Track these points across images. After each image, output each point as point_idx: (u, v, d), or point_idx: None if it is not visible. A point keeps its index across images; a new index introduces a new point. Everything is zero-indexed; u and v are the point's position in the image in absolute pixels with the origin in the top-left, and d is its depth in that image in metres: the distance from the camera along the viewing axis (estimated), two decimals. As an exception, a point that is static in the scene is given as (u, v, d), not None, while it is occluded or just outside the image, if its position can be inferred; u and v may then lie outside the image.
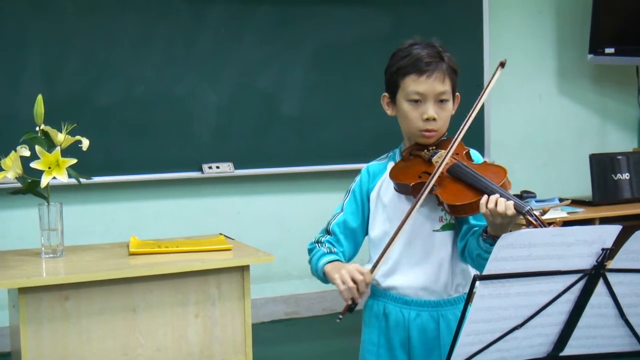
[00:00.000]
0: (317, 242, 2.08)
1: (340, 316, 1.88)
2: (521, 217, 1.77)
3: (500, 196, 1.79)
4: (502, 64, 1.98)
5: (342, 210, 2.09)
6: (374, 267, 1.89)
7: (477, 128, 4.70)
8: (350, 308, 1.87)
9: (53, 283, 2.60)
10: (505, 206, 1.75)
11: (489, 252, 1.50)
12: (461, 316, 1.54)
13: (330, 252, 2.02)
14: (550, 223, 1.72)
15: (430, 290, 2.00)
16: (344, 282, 1.85)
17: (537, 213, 1.75)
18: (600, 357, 1.66)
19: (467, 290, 2.03)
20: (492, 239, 1.81)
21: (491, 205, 1.77)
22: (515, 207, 1.76)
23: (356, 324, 2.17)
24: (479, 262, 1.87)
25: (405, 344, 2.02)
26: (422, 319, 2.01)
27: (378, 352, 2.05)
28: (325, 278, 1.99)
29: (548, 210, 1.78)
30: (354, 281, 1.84)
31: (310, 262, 2.07)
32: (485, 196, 1.80)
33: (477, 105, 1.96)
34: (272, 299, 4.67)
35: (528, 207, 1.76)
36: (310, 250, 2.08)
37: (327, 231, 2.08)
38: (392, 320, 2.03)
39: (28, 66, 3.93)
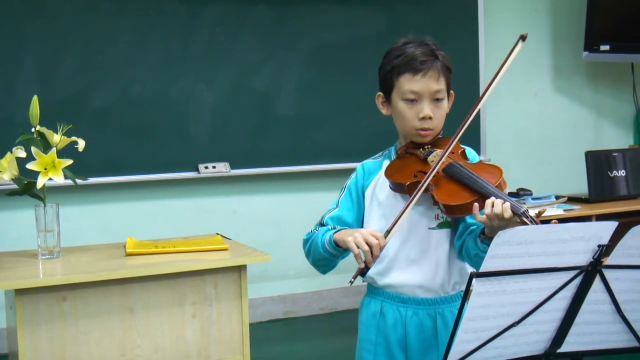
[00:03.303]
0: (314, 231, 2.06)
1: (352, 279, 1.86)
2: (517, 218, 1.76)
3: (496, 198, 1.78)
4: (523, 38, 1.96)
5: (337, 206, 2.09)
6: (388, 232, 1.86)
7: (473, 126, 4.66)
8: (363, 272, 1.85)
9: (50, 284, 2.59)
10: (502, 208, 1.75)
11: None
12: (458, 314, 1.54)
13: (334, 228, 2.01)
14: (545, 222, 1.71)
15: (427, 288, 2.00)
16: (358, 246, 1.82)
17: (533, 214, 1.74)
18: (598, 353, 1.67)
19: (464, 288, 2.03)
20: (490, 240, 1.80)
21: (487, 210, 1.76)
22: (512, 208, 1.76)
23: (354, 323, 2.17)
24: (477, 261, 1.87)
25: (403, 342, 2.02)
26: (419, 317, 2.01)
27: (375, 350, 2.05)
28: (334, 249, 1.95)
29: (544, 212, 1.77)
30: (369, 245, 1.82)
31: (310, 246, 2.03)
32: (489, 199, 1.79)
33: (488, 87, 1.93)
34: (269, 299, 4.67)
35: (524, 209, 1.75)
36: (306, 240, 2.06)
37: (322, 224, 2.07)
38: (389, 319, 2.03)
39: (24, 67, 3.93)
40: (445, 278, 2.00)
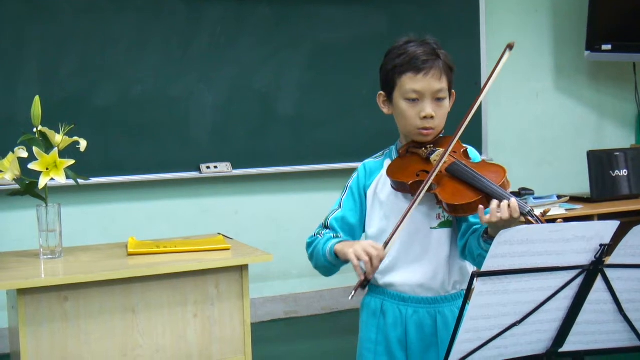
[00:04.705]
0: (318, 234, 2.06)
1: (353, 292, 1.86)
2: (522, 217, 1.76)
3: (501, 197, 1.78)
4: (510, 47, 1.95)
5: (339, 206, 2.08)
6: (386, 243, 1.86)
7: (475, 126, 4.71)
8: (363, 284, 1.85)
9: (52, 284, 2.59)
10: (511, 209, 1.74)
11: (491, 253, 1.49)
12: (460, 313, 1.54)
13: (337, 237, 2.01)
14: (551, 222, 1.70)
15: (428, 288, 2.00)
16: (358, 257, 1.83)
17: (538, 213, 1.74)
18: (599, 352, 1.67)
19: (464, 287, 2.03)
20: (493, 240, 1.80)
21: (494, 214, 1.76)
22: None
23: (356, 323, 2.16)
24: (480, 261, 1.86)
25: (403, 341, 2.02)
26: (420, 316, 2.01)
27: (376, 349, 2.05)
28: (334, 259, 1.96)
29: (549, 211, 1.77)
30: (368, 255, 1.82)
31: (312, 251, 2.04)
32: (493, 202, 1.78)
33: (481, 94, 1.93)
34: (271, 299, 4.67)
35: (529, 208, 1.75)
36: (310, 244, 2.06)
37: (325, 226, 2.07)
38: (389, 317, 2.03)
39: (25, 67, 3.93)
40: (446, 277, 2.00)
